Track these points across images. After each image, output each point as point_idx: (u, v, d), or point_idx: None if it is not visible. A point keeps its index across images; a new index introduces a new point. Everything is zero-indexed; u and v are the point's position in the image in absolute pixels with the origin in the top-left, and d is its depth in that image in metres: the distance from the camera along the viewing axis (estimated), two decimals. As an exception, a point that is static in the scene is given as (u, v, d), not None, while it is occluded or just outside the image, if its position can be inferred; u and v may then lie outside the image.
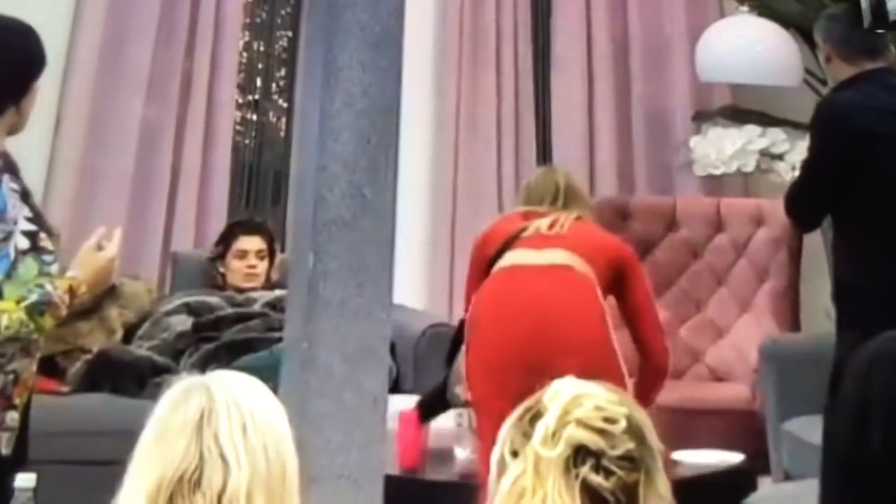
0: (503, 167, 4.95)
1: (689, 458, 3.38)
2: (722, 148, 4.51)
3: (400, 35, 2.19)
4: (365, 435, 2.06)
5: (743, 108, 4.75)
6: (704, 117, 4.79)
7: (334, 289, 2.09)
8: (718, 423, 4.22)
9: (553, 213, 3.23)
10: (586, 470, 1.47)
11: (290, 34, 5.18)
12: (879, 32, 3.18)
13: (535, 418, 1.51)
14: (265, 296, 4.11)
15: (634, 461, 1.49)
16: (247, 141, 5.16)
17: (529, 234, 3.19)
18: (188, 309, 4.04)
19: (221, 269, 4.22)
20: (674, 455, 3.12)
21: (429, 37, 4.93)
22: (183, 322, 3.99)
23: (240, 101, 5.03)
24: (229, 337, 3.94)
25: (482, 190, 4.91)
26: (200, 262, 4.32)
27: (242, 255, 4.19)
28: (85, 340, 3.89)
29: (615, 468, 1.48)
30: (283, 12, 5.20)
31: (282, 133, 5.16)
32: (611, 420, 1.49)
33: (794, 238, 4.48)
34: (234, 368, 1.98)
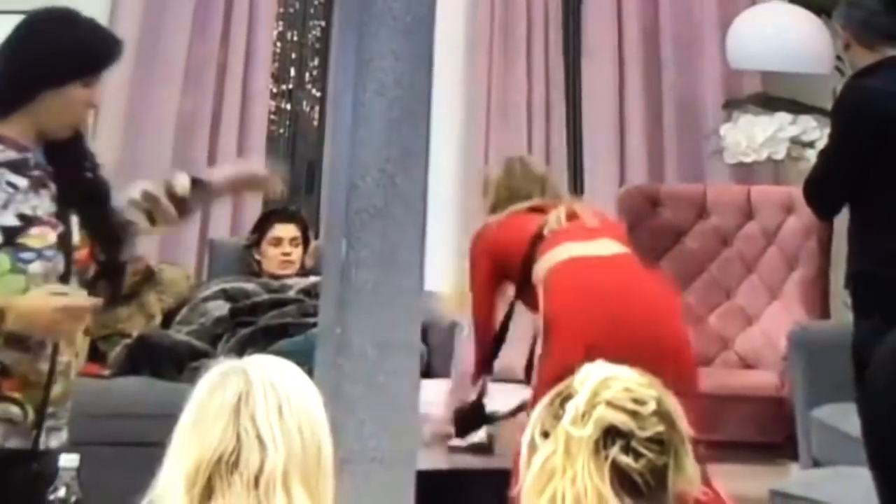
0: (533, 154, 4.95)
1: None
2: (752, 135, 4.50)
3: (431, 23, 2.21)
4: (397, 418, 2.08)
5: (774, 96, 4.74)
6: (735, 105, 4.78)
7: (367, 275, 2.11)
8: (747, 410, 4.23)
9: (561, 204, 3.15)
10: (616, 451, 1.48)
11: (323, 23, 5.21)
12: None
13: (566, 400, 1.53)
14: (300, 282, 4.15)
15: (664, 444, 1.51)
16: (281, 130, 5.20)
17: (563, 228, 3.08)
18: (225, 295, 4.10)
19: (257, 257, 4.27)
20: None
21: (460, 25, 4.95)
22: (220, 307, 4.05)
23: (274, 91, 5.07)
24: (265, 322, 3.99)
25: (513, 178, 4.92)
26: (237, 250, 4.38)
27: (277, 243, 4.25)
28: (125, 325, 3.94)
29: (644, 450, 1.49)
30: (316, 2, 5.23)
31: (315, 122, 5.20)
32: (640, 401, 1.51)
33: (825, 226, 4.46)
34: (270, 353, 2.02)
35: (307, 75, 5.24)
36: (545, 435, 1.53)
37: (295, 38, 5.24)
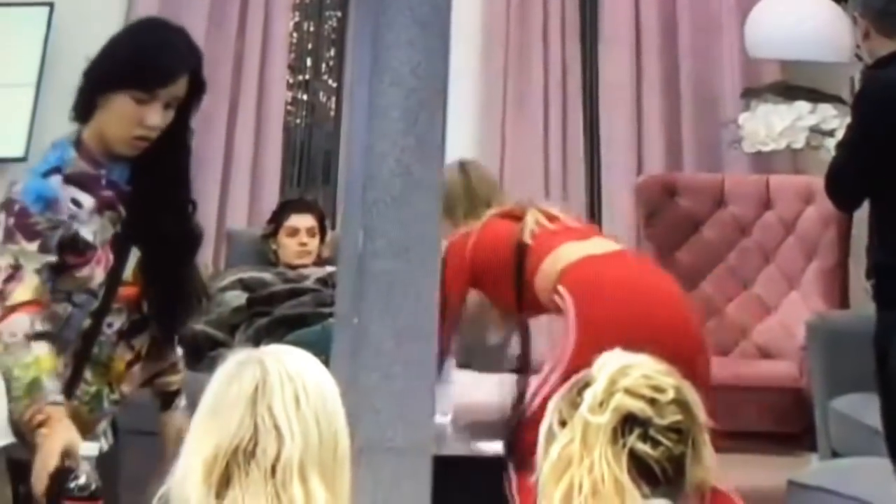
0: (550, 144, 4.96)
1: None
2: (771, 124, 4.49)
3: (448, 13, 2.20)
4: (413, 408, 2.08)
5: (792, 85, 4.72)
6: (753, 94, 4.76)
7: (383, 265, 2.11)
8: (765, 401, 4.22)
9: (531, 207, 3.08)
10: (633, 439, 1.48)
11: (339, 14, 5.21)
12: None
13: (584, 388, 1.53)
14: (317, 272, 4.16)
15: (682, 433, 1.51)
16: (297, 121, 5.21)
17: (551, 230, 3.01)
18: (242, 285, 4.11)
19: (274, 247, 4.28)
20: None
21: (476, 14, 4.94)
22: (238, 297, 4.06)
23: (290, 82, 5.08)
24: (282, 312, 4.00)
25: (529, 167, 4.92)
26: (254, 240, 4.39)
27: (294, 233, 4.25)
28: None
29: (662, 438, 1.49)
30: (332, -8, 5.24)
31: (331, 113, 5.20)
32: (658, 389, 1.51)
33: (843, 215, 4.45)
34: (287, 342, 2.03)
35: (323, 66, 5.25)
36: (563, 424, 1.52)
37: (311, 29, 5.25)
